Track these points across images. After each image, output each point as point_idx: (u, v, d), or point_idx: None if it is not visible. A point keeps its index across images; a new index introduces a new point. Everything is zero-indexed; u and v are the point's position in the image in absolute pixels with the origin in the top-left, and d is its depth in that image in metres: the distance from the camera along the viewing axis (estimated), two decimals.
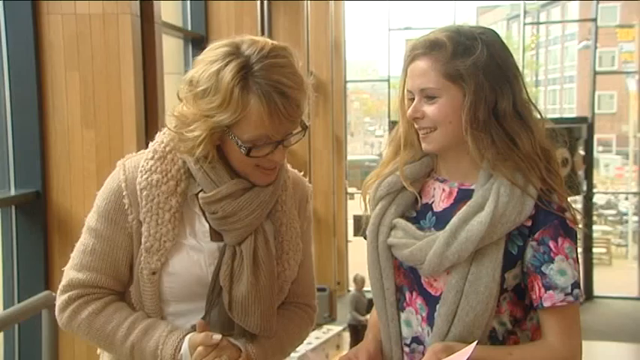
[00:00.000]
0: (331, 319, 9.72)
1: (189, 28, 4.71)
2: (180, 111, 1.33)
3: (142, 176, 1.36)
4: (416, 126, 1.40)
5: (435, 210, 1.43)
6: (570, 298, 1.32)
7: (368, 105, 30.69)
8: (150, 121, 2.99)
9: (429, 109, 1.37)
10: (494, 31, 1.42)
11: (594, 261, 12.46)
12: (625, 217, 19.03)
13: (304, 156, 6.97)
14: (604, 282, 12.58)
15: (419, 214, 1.45)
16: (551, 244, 1.33)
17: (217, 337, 1.32)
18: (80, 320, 1.38)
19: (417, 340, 1.43)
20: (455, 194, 1.42)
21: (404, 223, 1.42)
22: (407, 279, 1.44)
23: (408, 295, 1.44)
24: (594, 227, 13.37)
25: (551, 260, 1.33)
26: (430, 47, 1.37)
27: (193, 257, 1.38)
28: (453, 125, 1.36)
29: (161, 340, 1.35)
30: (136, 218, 1.36)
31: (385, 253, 1.43)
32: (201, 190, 1.37)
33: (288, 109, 1.29)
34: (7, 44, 2.95)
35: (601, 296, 11.82)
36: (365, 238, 1.50)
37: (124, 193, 1.36)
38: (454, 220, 1.35)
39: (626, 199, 19.07)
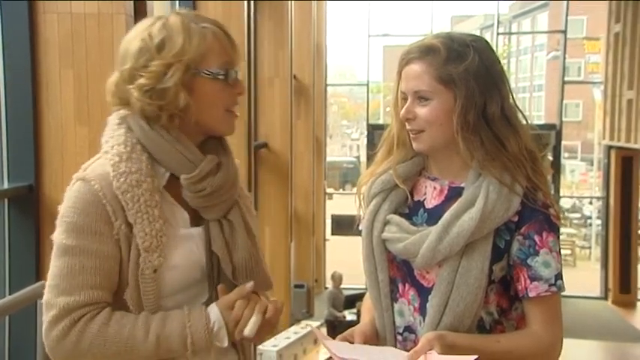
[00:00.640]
0: (309, 315, 9.71)
1: None
2: (148, 70, 1.29)
3: (118, 180, 1.28)
4: (408, 127, 1.43)
5: (426, 207, 1.47)
6: (554, 289, 1.38)
7: (346, 108, 30.75)
8: None
9: (421, 111, 1.40)
10: (484, 39, 1.47)
11: None
12: (589, 221, 19.30)
13: (286, 156, 6.97)
14: (568, 282, 12.41)
15: (411, 210, 1.48)
16: (537, 238, 1.38)
17: (250, 284, 1.34)
18: (91, 337, 1.26)
19: (409, 329, 1.47)
20: (446, 192, 1.45)
21: (397, 218, 1.45)
22: (400, 271, 1.47)
23: (400, 286, 1.47)
24: (560, 230, 13.50)
25: (536, 253, 1.37)
26: (425, 52, 1.40)
27: (188, 245, 1.36)
28: (444, 127, 1.40)
29: (186, 319, 1.29)
30: (124, 223, 1.28)
31: (379, 247, 1.46)
32: (169, 180, 1.34)
33: (232, 38, 1.37)
34: (3, 41, 2.92)
35: (566, 295, 11.88)
36: (359, 234, 1.53)
37: (103, 202, 1.27)
38: (446, 216, 1.39)
39: (590, 203, 19.31)
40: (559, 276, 1.38)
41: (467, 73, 1.37)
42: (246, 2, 4.91)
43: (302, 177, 9.04)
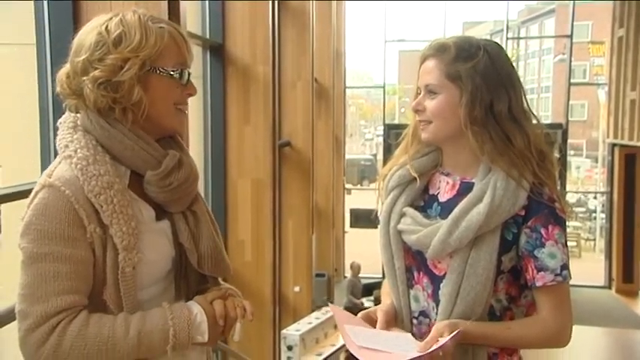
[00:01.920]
0: (330, 302, 9.72)
1: (208, 37, 4.71)
2: (104, 63, 1.23)
3: (89, 184, 1.21)
4: (417, 118, 1.46)
5: (440, 200, 1.48)
6: (559, 279, 1.37)
7: (363, 109, 30.65)
8: None
9: (429, 104, 1.43)
10: (498, 44, 1.47)
11: None
12: (594, 214, 19.06)
13: (308, 154, 6.97)
14: (574, 272, 12.32)
15: (426, 203, 1.49)
16: (543, 230, 1.37)
17: (226, 286, 1.34)
18: (71, 340, 1.17)
19: (423, 313, 1.47)
20: (458, 186, 1.46)
21: (412, 211, 1.46)
22: (415, 260, 1.47)
23: (415, 274, 1.48)
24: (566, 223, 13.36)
25: (543, 245, 1.37)
26: (437, 50, 1.43)
27: (159, 240, 1.32)
28: (448, 120, 1.41)
29: (167, 313, 1.24)
30: (98, 225, 1.21)
31: (395, 238, 1.47)
32: (130, 177, 1.29)
33: (187, 39, 1.34)
34: (51, 44, 2.94)
35: (572, 285, 11.80)
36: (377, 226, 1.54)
37: (75, 207, 1.19)
38: (456, 210, 1.39)
39: (595, 198, 19.07)
40: (565, 266, 1.38)
41: (474, 70, 1.39)
42: (270, 2, 4.90)
43: (322, 173, 9.04)
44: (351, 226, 13.75)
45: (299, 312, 6.60)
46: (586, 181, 22.72)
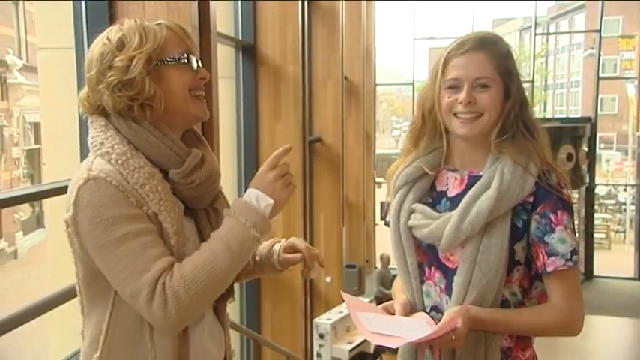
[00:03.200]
0: (360, 292, 9.71)
1: (240, 38, 4.73)
2: (113, 68, 1.24)
3: (133, 177, 1.21)
4: (462, 111, 1.38)
5: (449, 196, 1.45)
6: (570, 263, 1.33)
7: (395, 106, 30.49)
8: (205, 120, 3.00)
9: (482, 96, 1.38)
10: None
11: (595, 245, 12.23)
12: (623, 207, 18.65)
13: (338, 150, 6.95)
14: (603, 264, 12.35)
15: (434, 200, 1.47)
16: (552, 216, 1.34)
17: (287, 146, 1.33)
18: (182, 285, 1.17)
19: (435, 308, 1.45)
20: (466, 181, 1.43)
21: (421, 207, 1.44)
22: (426, 256, 1.45)
23: (427, 270, 1.45)
24: (595, 215, 13.10)
25: (552, 230, 1.34)
26: (486, 43, 1.39)
27: (190, 235, 1.31)
28: (495, 114, 1.38)
29: (230, 214, 1.25)
30: (149, 209, 1.22)
31: (406, 234, 1.45)
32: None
33: (187, 30, 1.33)
34: (88, 46, 2.98)
35: (601, 276, 11.60)
36: (386, 224, 1.52)
37: (125, 193, 1.20)
38: (466, 198, 1.37)
39: (625, 190, 18.64)
40: (574, 251, 1.34)
41: (515, 68, 1.39)
42: (299, 3, 4.89)
43: (353, 168, 9.01)
44: (381, 218, 13.70)
45: (331, 302, 6.61)
46: (616, 173, 22.21)
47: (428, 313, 1.45)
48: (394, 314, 1.44)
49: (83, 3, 2.78)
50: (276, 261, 1.53)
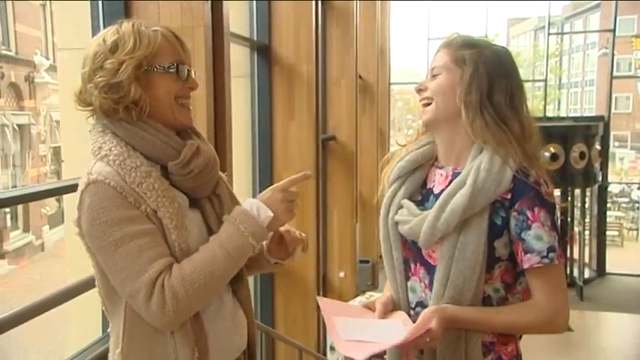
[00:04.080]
0: (373, 286, 9.69)
1: (255, 38, 4.72)
2: (104, 70, 1.26)
3: (130, 176, 1.23)
4: (419, 97, 1.43)
5: (434, 192, 1.44)
6: (546, 261, 1.30)
7: (410, 104, 30.36)
8: (218, 118, 3.00)
9: (431, 83, 1.41)
10: (509, 50, 1.45)
11: (607, 242, 12.08)
12: (637, 205, 18.39)
13: (352, 147, 6.93)
14: (616, 261, 12.19)
15: (423, 197, 1.46)
16: (529, 213, 1.31)
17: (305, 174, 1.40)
18: (181, 285, 1.20)
19: (421, 304, 1.43)
20: (450, 177, 1.42)
21: (408, 203, 1.43)
22: (411, 252, 1.44)
23: (412, 265, 1.44)
24: (608, 213, 12.93)
25: (529, 227, 1.31)
26: (447, 41, 1.43)
27: (195, 225, 1.32)
28: (447, 99, 1.38)
29: (230, 220, 1.29)
30: (148, 207, 1.23)
31: (394, 229, 1.45)
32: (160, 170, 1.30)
33: (182, 39, 1.35)
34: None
35: (613, 273, 11.46)
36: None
37: (124, 194, 1.22)
38: (443, 196, 1.36)
39: (638, 188, 18.35)
40: (552, 249, 1.30)
41: (477, 56, 1.37)
42: (313, 3, 4.87)
43: (367, 165, 8.97)
44: None
45: (344, 296, 6.60)
46: (630, 172, 21.90)
47: (413, 309, 1.43)
48: (375, 311, 1.44)
49: (100, 3, 2.79)
50: (266, 252, 1.50)
